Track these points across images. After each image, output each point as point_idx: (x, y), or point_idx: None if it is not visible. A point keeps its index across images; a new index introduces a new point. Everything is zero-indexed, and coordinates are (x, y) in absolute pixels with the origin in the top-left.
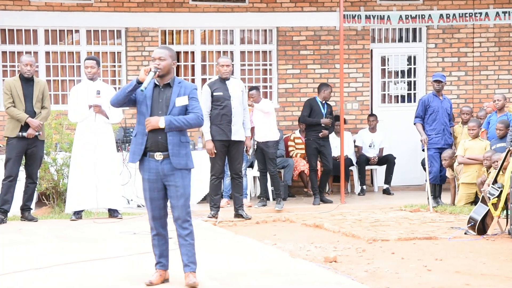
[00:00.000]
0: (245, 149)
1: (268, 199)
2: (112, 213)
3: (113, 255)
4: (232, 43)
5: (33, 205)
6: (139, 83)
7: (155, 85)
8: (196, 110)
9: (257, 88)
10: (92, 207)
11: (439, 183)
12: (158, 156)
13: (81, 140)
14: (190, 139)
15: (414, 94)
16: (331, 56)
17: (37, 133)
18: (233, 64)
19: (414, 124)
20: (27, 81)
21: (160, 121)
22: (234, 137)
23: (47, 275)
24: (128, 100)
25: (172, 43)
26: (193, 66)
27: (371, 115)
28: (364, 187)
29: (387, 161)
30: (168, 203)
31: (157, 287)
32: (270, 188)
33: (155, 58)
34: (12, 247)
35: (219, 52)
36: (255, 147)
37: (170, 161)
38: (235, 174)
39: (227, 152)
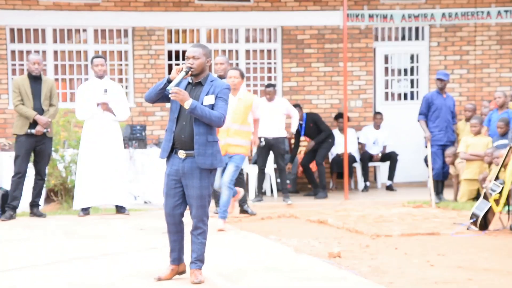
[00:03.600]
0: None
1: (264, 194)
2: (119, 209)
3: (120, 251)
4: (237, 41)
5: (41, 202)
6: (169, 81)
7: (188, 83)
8: (221, 110)
9: (273, 85)
10: (100, 204)
11: (441, 180)
12: (181, 154)
13: (89, 137)
14: (217, 137)
15: (417, 92)
16: (334, 54)
17: (45, 130)
18: (229, 63)
19: (418, 121)
20: (35, 79)
21: (187, 102)
22: None
23: (55, 270)
24: (162, 96)
25: (178, 42)
26: None
27: (377, 113)
28: (368, 183)
29: (390, 158)
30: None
31: (166, 283)
32: (274, 184)
33: (189, 57)
34: (21, 243)
35: (224, 51)
36: (263, 143)
37: (192, 160)
38: None
39: None
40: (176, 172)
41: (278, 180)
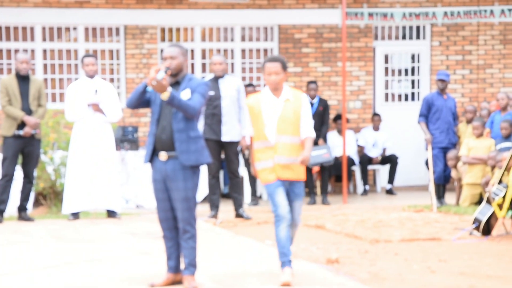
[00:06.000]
0: (240, 148)
1: (260, 198)
2: (111, 213)
3: (111, 256)
4: (232, 40)
5: (30, 205)
6: None
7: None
8: (196, 101)
9: (253, 85)
10: (90, 208)
11: (443, 183)
12: (162, 156)
13: (79, 139)
14: (200, 133)
15: (418, 92)
16: (333, 54)
17: (33, 132)
18: (226, 63)
19: (419, 122)
20: (23, 79)
21: (165, 93)
22: (225, 137)
23: (44, 276)
24: (142, 101)
25: (171, 41)
26: (192, 64)
27: (375, 114)
28: (367, 187)
29: (390, 160)
30: None
31: None
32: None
33: (166, 57)
34: (9, 248)
35: (219, 50)
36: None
37: (174, 162)
38: (232, 174)
39: (222, 152)
40: (161, 175)
41: None
